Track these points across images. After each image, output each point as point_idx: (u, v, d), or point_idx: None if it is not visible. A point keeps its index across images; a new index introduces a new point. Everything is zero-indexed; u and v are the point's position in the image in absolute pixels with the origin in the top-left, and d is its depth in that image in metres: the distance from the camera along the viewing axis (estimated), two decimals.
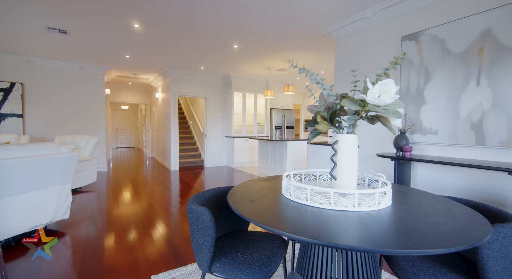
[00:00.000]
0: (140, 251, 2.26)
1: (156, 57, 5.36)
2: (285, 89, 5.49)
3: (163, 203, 3.69)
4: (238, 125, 7.33)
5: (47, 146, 2.50)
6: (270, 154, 5.76)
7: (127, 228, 2.77)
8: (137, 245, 2.38)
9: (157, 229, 2.74)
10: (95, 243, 2.41)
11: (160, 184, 5.03)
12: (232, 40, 4.22)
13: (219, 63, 5.80)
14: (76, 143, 4.65)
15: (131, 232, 2.67)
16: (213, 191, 1.53)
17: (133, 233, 2.63)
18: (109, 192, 4.37)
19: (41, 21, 3.52)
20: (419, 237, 0.82)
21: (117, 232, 2.65)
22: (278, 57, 5.21)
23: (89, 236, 2.57)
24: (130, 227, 2.79)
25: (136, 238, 2.53)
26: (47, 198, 2.47)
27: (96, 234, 2.63)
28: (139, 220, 3.00)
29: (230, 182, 5.24)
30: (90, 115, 6.12)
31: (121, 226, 2.83)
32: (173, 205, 3.61)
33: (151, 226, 2.83)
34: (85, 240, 2.48)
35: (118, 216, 3.15)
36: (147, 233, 2.64)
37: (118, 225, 2.86)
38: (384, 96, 1.03)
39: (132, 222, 2.95)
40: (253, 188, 1.44)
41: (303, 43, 4.34)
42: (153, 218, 3.08)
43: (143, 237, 2.54)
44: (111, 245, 2.38)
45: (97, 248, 2.32)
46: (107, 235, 2.58)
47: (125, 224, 2.87)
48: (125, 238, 2.53)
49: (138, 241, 2.46)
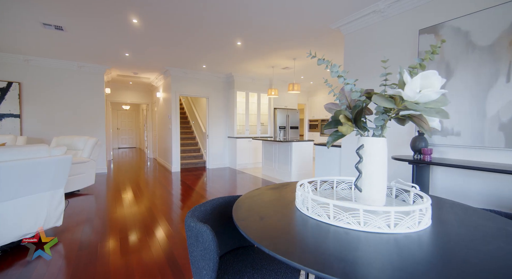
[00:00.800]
0: (136, 261, 2.08)
1: (156, 56, 5.19)
2: (290, 88, 5.28)
3: (163, 208, 3.51)
4: (241, 125, 7.14)
5: (37, 148, 2.33)
6: (275, 155, 5.56)
7: (123, 235, 2.60)
8: (133, 255, 2.19)
9: (155, 237, 2.56)
10: (88, 252, 2.23)
11: (160, 186, 4.85)
12: (235, 36, 4.03)
13: (221, 62, 5.62)
14: (73, 144, 4.49)
15: (127, 239, 2.49)
16: (215, 201, 1.34)
17: (130, 241, 2.45)
18: (108, 195, 4.20)
19: (35, 17, 3.36)
20: (485, 274, 0.62)
21: (112, 240, 2.47)
22: (283, 55, 5.01)
23: (83, 244, 2.39)
24: (126, 234, 2.61)
25: (132, 247, 2.35)
26: (38, 204, 2.30)
27: (91, 241, 2.45)
28: (136, 227, 2.82)
29: (233, 185, 5.05)
30: (90, 115, 5.97)
31: (117, 232, 2.65)
32: (174, 210, 3.43)
33: (149, 233, 2.65)
34: (79, 249, 2.30)
35: (115, 221, 2.98)
36: (145, 241, 2.46)
37: (115, 231, 2.68)
38: (427, 91, 0.83)
39: (129, 228, 2.77)
40: (261, 200, 1.24)
41: (309, 40, 4.13)
42: (152, 224, 2.90)
43: (140, 246, 2.36)
44: (105, 254, 2.20)
45: (90, 257, 2.14)
46: (102, 244, 2.40)
47: (122, 231, 2.70)
48: (121, 246, 2.35)
49: (134, 250, 2.28)
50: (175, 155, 6.48)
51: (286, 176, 5.19)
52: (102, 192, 4.40)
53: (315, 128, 8.60)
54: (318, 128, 8.50)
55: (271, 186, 1.53)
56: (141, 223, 2.93)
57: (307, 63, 5.56)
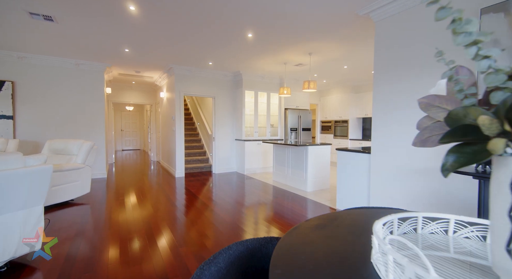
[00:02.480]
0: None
1: (159, 51, 4.76)
2: (305, 86, 4.79)
3: (163, 223, 3.04)
4: (250, 127, 6.66)
5: (8, 158, 1.89)
6: (287, 160, 5.06)
7: (114, 257, 2.13)
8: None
9: (151, 263, 2.08)
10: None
11: (162, 194, 4.40)
12: (246, 26, 3.56)
13: (229, 58, 5.15)
14: (67, 149, 4.07)
15: (119, 264, 2.02)
16: (233, 252, 0.86)
17: (121, 263, 1.99)
18: (103, 206, 3.77)
19: (20, 5, 2.95)
20: None
21: (100, 264, 2.01)
22: (297, 49, 4.52)
23: (64, 271, 1.94)
24: (118, 256, 2.14)
25: (123, 272, 1.89)
26: (6, 227, 1.85)
27: (75, 266, 1.99)
28: (131, 246, 2.36)
29: (242, 193, 4.57)
30: (89, 116, 5.57)
31: (107, 253, 2.19)
32: (176, 228, 2.97)
33: (146, 259, 2.18)
34: (59, 276, 1.86)
35: (107, 239, 2.52)
36: (137, 271, 1.99)
37: (105, 252, 2.22)
38: None
39: (122, 248, 2.31)
40: (309, 253, 0.75)
41: (330, 30, 3.64)
42: (150, 246, 2.44)
43: (132, 274, 1.90)
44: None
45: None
46: (87, 267, 1.94)
47: (113, 251, 2.23)
48: (109, 272, 1.89)
49: (126, 277, 1.82)
50: (179, 159, 6.03)
51: (301, 184, 4.68)
52: (97, 202, 3.97)
53: (328, 130, 8.07)
54: (331, 130, 7.96)
55: (313, 222, 1.04)
56: (139, 245, 2.47)
57: (324, 59, 5.06)
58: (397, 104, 2.75)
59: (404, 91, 2.69)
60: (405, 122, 2.68)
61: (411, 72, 2.62)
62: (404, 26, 2.68)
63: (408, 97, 2.64)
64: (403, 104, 2.70)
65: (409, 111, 2.63)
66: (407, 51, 2.66)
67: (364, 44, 4.18)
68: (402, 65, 2.71)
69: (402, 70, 2.69)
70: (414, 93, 2.56)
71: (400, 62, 2.73)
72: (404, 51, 2.69)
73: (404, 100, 2.68)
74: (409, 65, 2.64)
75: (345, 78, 7.05)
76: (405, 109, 2.67)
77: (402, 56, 2.70)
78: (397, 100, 2.75)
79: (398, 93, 2.74)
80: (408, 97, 2.63)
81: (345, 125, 7.51)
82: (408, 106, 2.63)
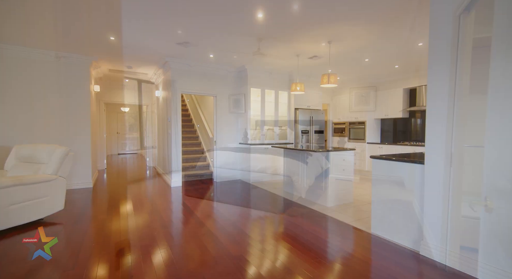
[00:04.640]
0: None
1: (149, 38, 4.02)
2: (323, 80, 4.03)
3: (146, 257, 2.27)
4: (256, 129, 5.90)
5: None
6: (301, 168, 4.29)
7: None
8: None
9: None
10: None
11: (153, 211, 3.63)
12: (256, 3, 2.81)
13: (233, 48, 4.41)
14: (35, 156, 3.33)
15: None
16: None
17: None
18: (78, 227, 3.00)
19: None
20: None
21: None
22: (314, 36, 3.77)
23: None
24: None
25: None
26: None
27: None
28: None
29: (246, 209, 3.79)
30: (72, 117, 4.83)
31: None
32: (164, 265, 2.19)
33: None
34: None
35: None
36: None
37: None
38: None
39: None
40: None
41: (358, 8, 2.89)
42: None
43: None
44: None
45: None
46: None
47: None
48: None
49: None
50: (176, 166, 5.26)
51: (319, 197, 3.90)
52: (72, 222, 3.20)
53: (342, 132, 7.29)
54: (345, 132, 7.19)
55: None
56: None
57: (345, 49, 4.31)
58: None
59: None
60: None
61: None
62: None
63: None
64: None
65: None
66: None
67: (399, 27, 3.42)
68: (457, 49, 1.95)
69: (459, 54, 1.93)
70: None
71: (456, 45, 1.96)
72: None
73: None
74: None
75: (363, 75, 6.29)
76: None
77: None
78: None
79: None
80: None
81: (361, 127, 6.73)
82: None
